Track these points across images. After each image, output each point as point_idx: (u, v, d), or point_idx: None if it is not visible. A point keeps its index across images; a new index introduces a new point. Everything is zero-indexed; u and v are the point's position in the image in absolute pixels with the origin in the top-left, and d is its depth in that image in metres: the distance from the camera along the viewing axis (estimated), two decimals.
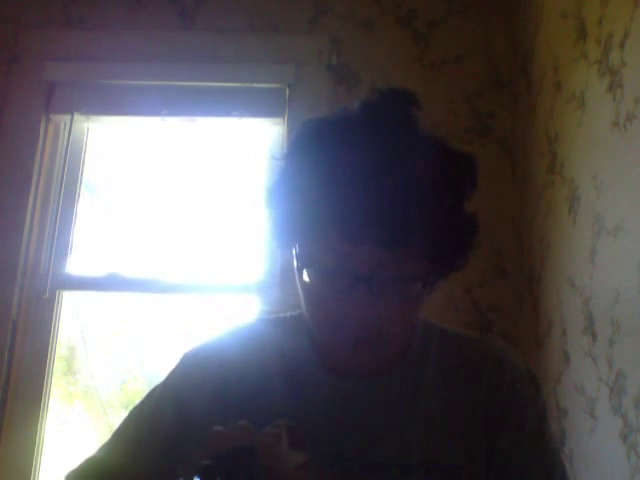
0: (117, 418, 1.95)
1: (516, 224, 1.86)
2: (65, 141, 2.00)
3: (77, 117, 2.00)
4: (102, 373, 2.02)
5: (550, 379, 1.54)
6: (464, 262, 0.77)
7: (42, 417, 1.83)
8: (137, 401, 0.88)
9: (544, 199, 1.64)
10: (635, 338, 1.10)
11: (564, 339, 1.46)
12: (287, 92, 1.98)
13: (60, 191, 1.96)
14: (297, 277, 0.77)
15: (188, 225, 2.02)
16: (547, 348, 1.58)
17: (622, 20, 1.16)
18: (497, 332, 1.80)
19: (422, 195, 0.69)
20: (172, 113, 2.01)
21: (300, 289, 0.77)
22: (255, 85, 2.00)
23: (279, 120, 1.99)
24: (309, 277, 0.74)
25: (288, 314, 0.90)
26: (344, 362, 0.81)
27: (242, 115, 2.00)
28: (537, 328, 1.66)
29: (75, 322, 2.00)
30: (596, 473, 1.27)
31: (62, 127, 2.03)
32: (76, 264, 1.96)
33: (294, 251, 0.76)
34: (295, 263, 0.76)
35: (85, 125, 2.05)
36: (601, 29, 1.27)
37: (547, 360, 1.57)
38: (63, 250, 1.94)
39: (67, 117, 2.00)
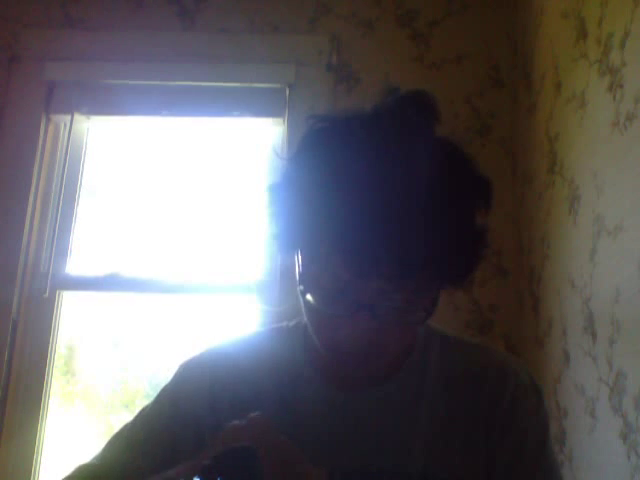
0: (117, 418, 1.94)
1: (516, 224, 1.86)
2: (65, 141, 2.00)
3: (77, 117, 2.00)
4: (102, 373, 2.02)
5: (550, 379, 1.54)
6: (469, 280, 0.74)
7: (42, 417, 1.83)
8: (136, 401, 0.88)
9: (544, 199, 1.64)
10: (635, 338, 1.10)
11: (564, 339, 1.46)
12: (287, 92, 1.98)
13: (60, 191, 1.96)
14: (300, 297, 0.75)
15: (188, 225, 2.02)
16: (547, 348, 1.58)
17: (622, 20, 1.16)
18: (497, 332, 1.80)
19: (433, 225, 0.65)
20: (172, 113, 2.01)
21: (303, 306, 0.76)
22: (255, 85, 2.00)
23: (279, 120, 1.99)
24: (312, 299, 0.72)
25: (284, 324, 0.89)
26: (344, 371, 0.80)
27: (242, 115, 2.00)
28: (537, 328, 1.66)
29: (75, 322, 2.00)
30: (596, 473, 1.27)
31: (62, 127, 2.03)
32: (76, 264, 1.96)
33: (297, 266, 0.74)
34: (297, 276, 0.75)
35: (85, 125, 2.05)
36: (601, 29, 1.27)
37: (547, 360, 1.57)
38: (63, 250, 1.94)
39: (67, 117, 2.00)
